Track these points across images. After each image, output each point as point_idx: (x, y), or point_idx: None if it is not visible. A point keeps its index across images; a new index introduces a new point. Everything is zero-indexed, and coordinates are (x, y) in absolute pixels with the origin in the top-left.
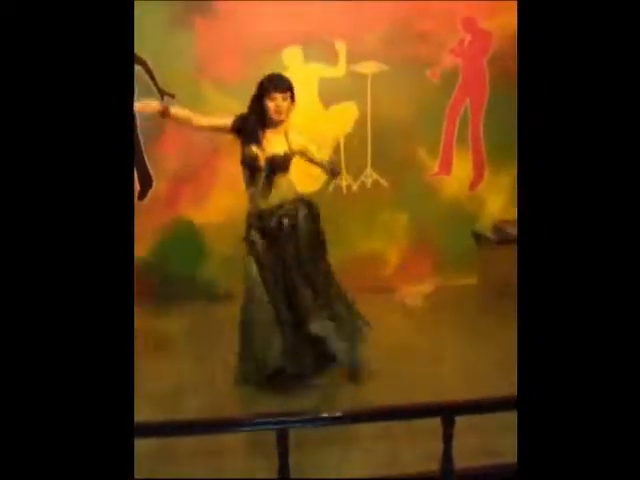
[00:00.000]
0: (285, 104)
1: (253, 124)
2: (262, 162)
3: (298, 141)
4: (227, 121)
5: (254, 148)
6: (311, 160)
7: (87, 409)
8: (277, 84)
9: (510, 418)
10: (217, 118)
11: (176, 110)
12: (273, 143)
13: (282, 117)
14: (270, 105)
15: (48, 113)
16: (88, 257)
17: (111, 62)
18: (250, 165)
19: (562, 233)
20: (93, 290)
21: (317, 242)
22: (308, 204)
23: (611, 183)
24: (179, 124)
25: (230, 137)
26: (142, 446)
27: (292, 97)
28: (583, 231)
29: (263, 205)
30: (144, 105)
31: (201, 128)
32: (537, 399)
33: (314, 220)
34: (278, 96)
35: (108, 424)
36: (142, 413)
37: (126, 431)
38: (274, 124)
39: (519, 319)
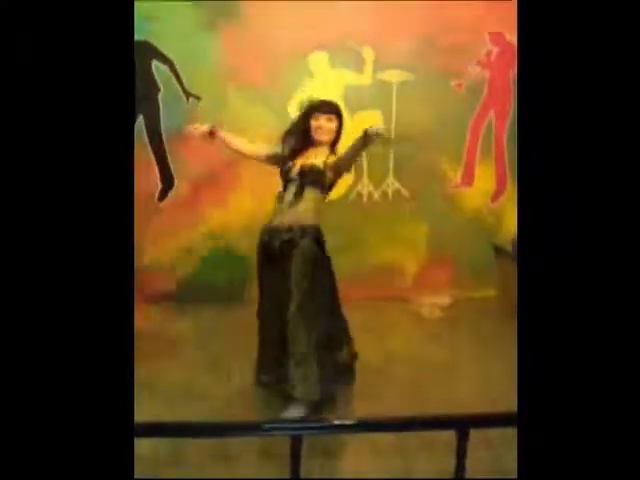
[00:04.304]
0: (329, 125)
1: (295, 141)
2: (294, 173)
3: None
4: (268, 151)
5: (291, 162)
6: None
7: (88, 408)
8: (323, 107)
9: None
10: (258, 147)
11: (224, 133)
12: (312, 157)
13: (324, 137)
14: (313, 124)
15: (47, 108)
16: (88, 255)
17: (110, 55)
18: (285, 176)
19: (563, 246)
20: (93, 288)
21: (319, 271)
22: (315, 233)
23: (611, 196)
24: (226, 146)
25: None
26: (152, 448)
27: (339, 122)
28: (582, 244)
29: (276, 222)
30: (194, 128)
31: (240, 152)
32: (537, 414)
33: (317, 247)
34: (322, 117)
35: (108, 424)
36: (155, 414)
37: (126, 431)
38: (316, 143)
39: (519, 334)
